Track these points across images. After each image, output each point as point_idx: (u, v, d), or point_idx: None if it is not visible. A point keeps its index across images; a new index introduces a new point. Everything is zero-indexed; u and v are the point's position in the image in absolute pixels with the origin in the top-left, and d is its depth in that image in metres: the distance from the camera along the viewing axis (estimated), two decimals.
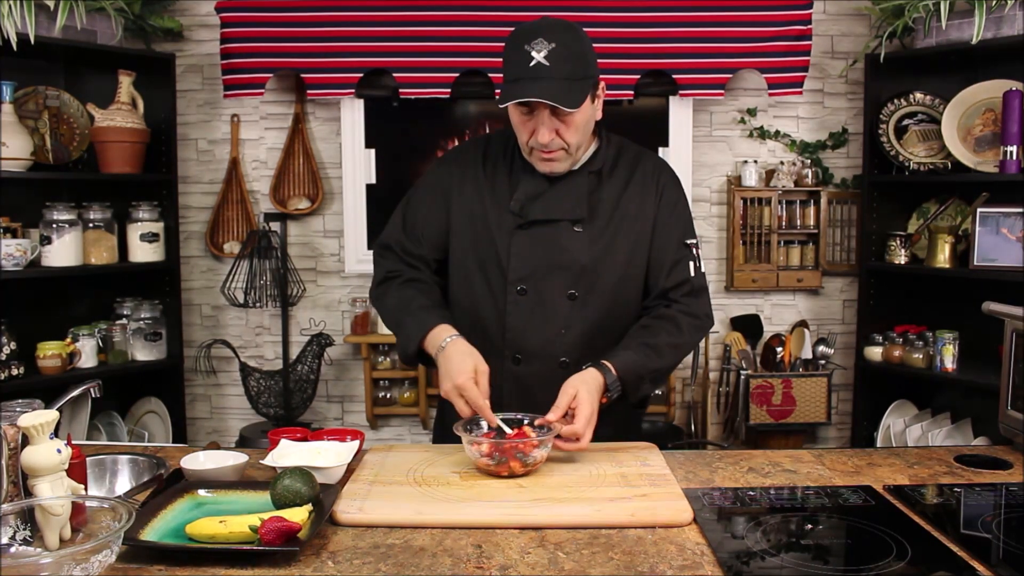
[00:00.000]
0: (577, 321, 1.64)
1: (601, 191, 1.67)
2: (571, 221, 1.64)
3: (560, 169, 1.62)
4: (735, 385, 3.37)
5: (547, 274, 1.63)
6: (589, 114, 1.60)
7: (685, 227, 1.71)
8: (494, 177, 1.70)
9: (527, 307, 1.64)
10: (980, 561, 1.13)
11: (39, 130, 3.02)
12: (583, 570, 1.11)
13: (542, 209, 1.64)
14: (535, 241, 1.64)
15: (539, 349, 1.65)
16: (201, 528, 1.17)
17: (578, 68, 1.53)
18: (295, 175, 3.50)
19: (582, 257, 1.63)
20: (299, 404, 3.33)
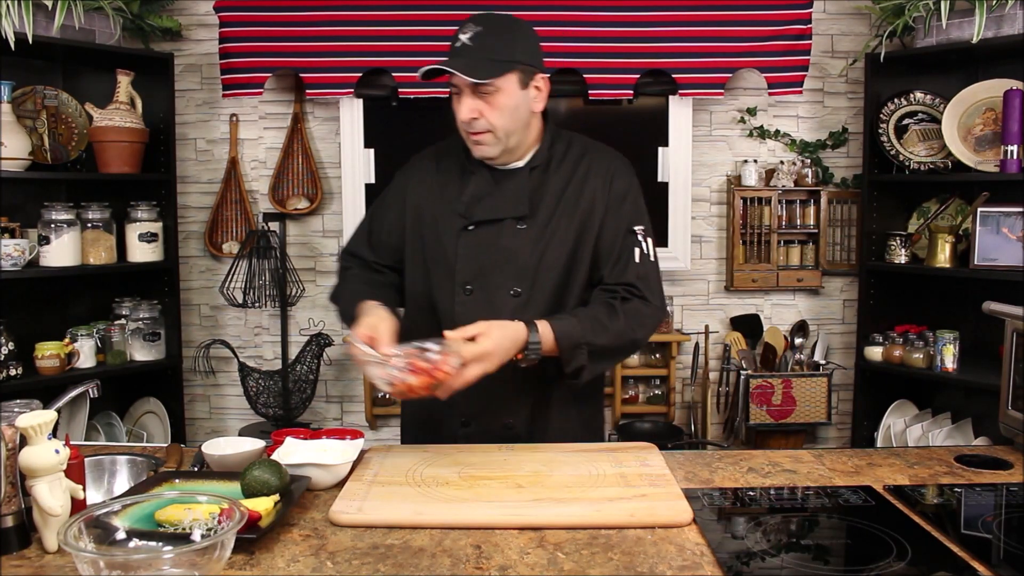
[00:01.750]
0: (522, 318, 1.63)
1: (546, 187, 1.68)
2: (514, 219, 1.65)
3: (490, 154, 1.64)
4: (735, 385, 3.37)
5: (492, 273, 1.65)
6: (518, 100, 1.60)
7: (633, 215, 1.70)
8: (446, 180, 1.73)
9: (474, 306, 1.65)
10: (980, 561, 1.13)
11: (37, 130, 3.01)
12: (582, 570, 1.11)
13: (486, 209, 1.67)
14: (480, 241, 1.66)
15: None
16: (169, 514, 1.19)
17: (501, 50, 1.57)
18: (294, 175, 3.50)
19: (524, 255, 1.64)
20: (298, 404, 3.32)
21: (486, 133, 1.60)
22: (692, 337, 3.53)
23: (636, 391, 3.55)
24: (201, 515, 1.19)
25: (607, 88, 3.28)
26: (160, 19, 3.26)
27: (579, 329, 1.57)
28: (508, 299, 1.65)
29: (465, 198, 1.68)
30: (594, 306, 1.64)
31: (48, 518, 1.15)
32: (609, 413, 3.58)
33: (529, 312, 1.63)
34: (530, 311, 1.64)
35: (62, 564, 1.13)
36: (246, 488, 1.29)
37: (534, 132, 1.69)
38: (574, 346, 1.56)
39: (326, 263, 3.54)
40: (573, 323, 1.57)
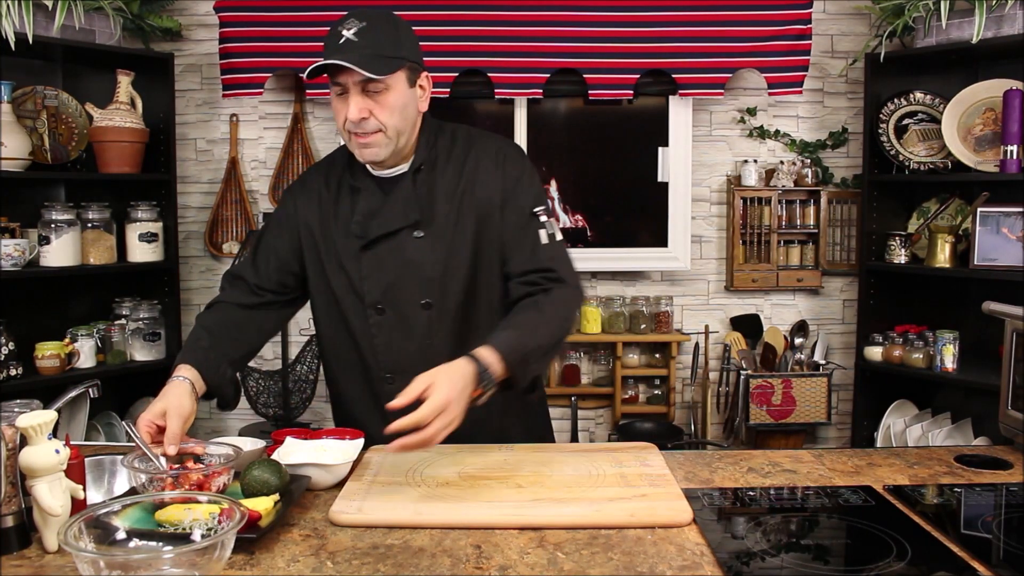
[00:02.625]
0: (439, 329, 1.60)
1: (436, 188, 1.61)
2: (409, 228, 1.59)
3: (380, 156, 1.56)
4: (735, 385, 3.36)
5: (399, 288, 1.60)
6: (407, 98, 1.54)
7: (532, 198, 1.62)
8: (337, 202, 1.66)
9: (388, 325, 1.61)
10: (980, 561, 1.13)
11: (37, 130, 3.01)
12: (582, 570, 1.11)
13: (379, 223, 1.60)
14: (381, 257, 1.60)
15: (409, 365, 1.53)
16: (169, 514, 1.19)
17: (388, 46, 1.51)
18: (294, 175, 3.50)
19: (427, 264, 1.59)
20: (298, 404, 3.32)
21: (376, 134, 1.53)
22: (692, 337, 3.53)
23: (636, 391, 3.55)
24: (201, 515, 1.19)
25: (607, 88, 3.28)
26: (160, 19, 3.26)
27: (520, 340, 1.44)
28: (419, 312, 1.60)
29: (357, 216, 1.61)
30: (521, 309, 1.54)
31: (48, 518, 1.15)
32: (609, 413, 3.58)
33: (443, 321, 1.60)
34: (444, 320, 1.60)
35: (62, 564, 1.13)
36: (246, 488, 1.29)
37: (416, 133, 1.62)
38: (522, 359, 1.43)
39: None
40: (512, 336, 1.45)
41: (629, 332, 3.47)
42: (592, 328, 3.45)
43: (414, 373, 1.41)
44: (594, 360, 3.58)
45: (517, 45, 3.25)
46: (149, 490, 1.26)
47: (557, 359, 3.48)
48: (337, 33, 1.50)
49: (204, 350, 1.58)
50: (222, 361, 1.58)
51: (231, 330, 1.65)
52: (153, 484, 1.26)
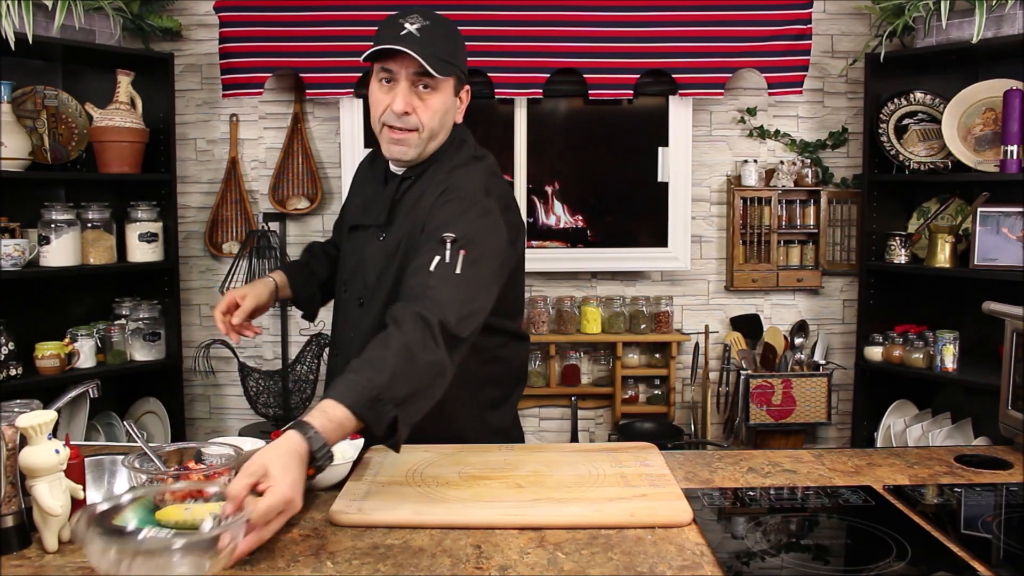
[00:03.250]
0: (362, 327, 1.63)
1: (405, 198, 1.60)
2: (377, 227, 1.63)
3: (408, 156, 1.56)
4: (735, 385, 3.36)
5: (356, 276, 1.68)
6: (449, 105, 1.56)
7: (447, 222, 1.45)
8: (371, 178, 1.74)
9: (344, 307, 1.73)
10: (980, 561, 1.13)
11: (37, 130, 3.01)
12: (582, 570, 1.11)
13: (359, 215, 1.70)
14: (353, 245, 1.70)
15: (346, 347, 1.68)
16: (168, 514, 1.19)
17: (446, 50, 1.52)
18: (294, 175, 3.50)
19: (371, 265, 1.63)
20: (298, 404, 3.32)
21: (412, 132, 1.54)
22: (692, 337, 3.53)
23: (636, 391, 3.55)
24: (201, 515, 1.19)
25: (607, 88, 3.28)
26: (160, 19, 3.26)
27: (363, 380, 1.22)
28: (354, 304, 1.67)
29: (358, 199, 1.74)
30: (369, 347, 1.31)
31: (48, 518, 1.15)
32: (609, 413, 3.58)
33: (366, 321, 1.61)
34: (368, 321, 1.60)
35: (62, 564, 1.13)
36: None
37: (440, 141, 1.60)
38: (372, 401, 1.21)
39: None
40: (352, 380, 1.23)
41: (629, 332, 3.47)
42: (592, 328, 3.45)
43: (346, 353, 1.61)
44: (594, 360, 3.58)
45: (517, 45, 3.25)
46: None
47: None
48: (398, 24, 1.50)
49: (300, 265, 1.86)
50: (311, 279, 1.84)
51: (324, 258, 1.89)
52: (153, 484, 1.26)
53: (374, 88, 1.57)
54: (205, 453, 1.39)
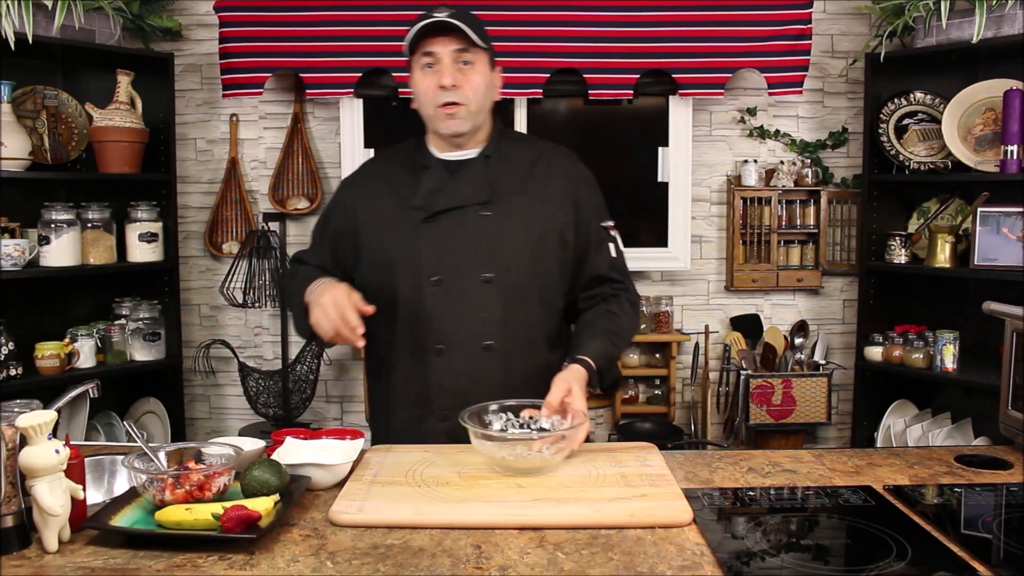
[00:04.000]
0: (494, 304, 1.67)
1: (504, 176, 1.71)
2: (478, 205, 1.67)
3: (462, 128, 1.67)
4: (735, 385, 3.36)
5: (459, 261, 1.67)
6: (489, 80, 1.69)
7: (601, 212, 1.79)
8: (396, 181, 1.76)
9: (443, 297, 1.67)
10: (980, 561, 1.13)
11: (37, 130, 3.01)
12: (582, 570, 1.11)
13: (447, 199, 1.69)
14: (444, 231, 1.68)
15: (461, 337, 1.67)
16: (168, 515, 1.21)
17: (477, 29, 1.65)
18: (294, 175, 3.50)
19: (492, 239, 1.66)
20: (298, 404, 3.32)
21: (461, 106, 1.65)
22: (692, 337, 3.53)
23: (636, 391, 3.55)
24: (202, 515, 1.20)
25: (607, 88, 3.28)
26: (160, 19, 3.26)
27: (607, 348, 1.65)
28: (479, 286, 1.66)
29: (422, 191, 1.70)
30: (601, 317, 1.71)
31: (48, 518, 1.15)
32: (609, 413, 3.58)
33: (502, 298, 1.66)
34: (503, 297, 1.67)
35: (62, 564, 1.13)
36: (246, 488, 1.29)
37: (489, 122, 1.75)
38: (609, 365, 1.64)
39: None
40: (600, 345, 1.64)
41: None
42: None
43: (465, 343, 1.65)
44: None
45: (517, 45, 3.25)
46: (150, 490, 1.26)
47: None
48: (429, 15, 1.64)
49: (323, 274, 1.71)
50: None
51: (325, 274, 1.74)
52: (153, 484, 1.26)
53: (418, 78, 1.68)
54: (205, 453, 1.39)
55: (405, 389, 1.72)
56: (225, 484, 1.30)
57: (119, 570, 1.11)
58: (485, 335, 1.66)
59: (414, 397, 1.70)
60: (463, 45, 1.63)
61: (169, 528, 1.20)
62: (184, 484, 1.26)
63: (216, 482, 1.28)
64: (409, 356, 1.70)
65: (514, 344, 1.68)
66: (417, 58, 1.66)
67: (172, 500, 1.25)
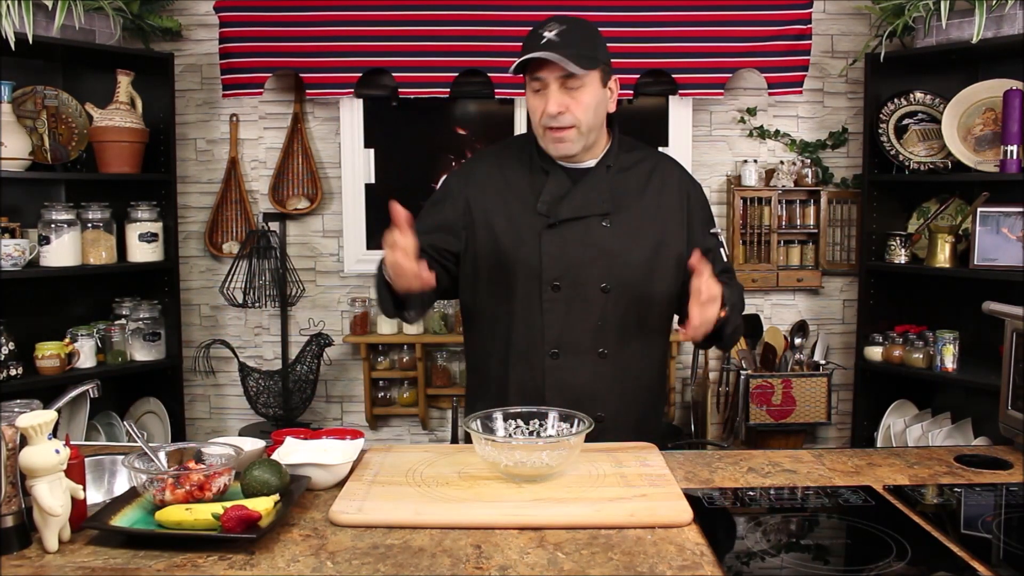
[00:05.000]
0: (611, 312, 1.69)
1: (623, 186, 1.72)
2: (599, 216, 1.68)
3: (571, 151, 1.67)
4: (735, 385, 3.36)
5: (580, 269, 1.68)
6: (600, 97, 1.66)
7: (709, 218, 1.83)
8: (515, 181, 1.74)
9: (562, 303, 1.68)
10: (980, 561, 1.13)
11: (37, 130, 3.01)
12: (582, 570, 1.11)
13: (570, 208, 1.68)
14: (565, 238, 1.68)
15: (577, 342, 1.69)
16: (169, 515, 1.21)
17: (587, 47, 1.62)
18: (294, 175, 3.50)
19: (612, 250, 1.68)
20: (298, 404, 3.32)
21: (570, 129, 1.64)
22: None
23: None
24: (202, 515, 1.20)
25: None
26: (160, 19, 3.26)
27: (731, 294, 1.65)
28: (598, 294, 1.68)
29: (545, 196, 1.69)
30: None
31: (48, 518, 1.15)
32: None
33: (619, 308, 1.69)
34: (619, 306, 1.69)
35: (62, 564, 1.13)
36: (246, 488, 1.29)
37: (605, 134, 1.74)
38: (732, 307, 1.64)
39: (326, 263, 3.54)
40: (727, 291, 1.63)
41: None
42: None
43: (580, 349, 1.68)
44: None
45: (517, 45, 3.23)
46: (150, 490, 1.27)
47: None
48: (538, 35, 1.62)
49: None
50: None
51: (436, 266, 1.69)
52: (153, 484, 1.26)
53: (529, 96, 1.68)
54: (205, 453, 1.39)
55: (516, 391, 1.71)
56: (225, 484, 1.30)
57: (119, 570, 1.11)
58: (600, 343, 1.69)
59: (527, 399, 1.68)
60: (567, 72, 1.59)
61: (169, 528, 1.20)
62: (184, 484, 1.26)
63: (216, 482, 1.28)
64: (522, 358, 1.71)
65: (628, 353, 1.71)
66: (527, 79, 1.66)
67: (172, 500, 1.25)
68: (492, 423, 1.50)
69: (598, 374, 1.69)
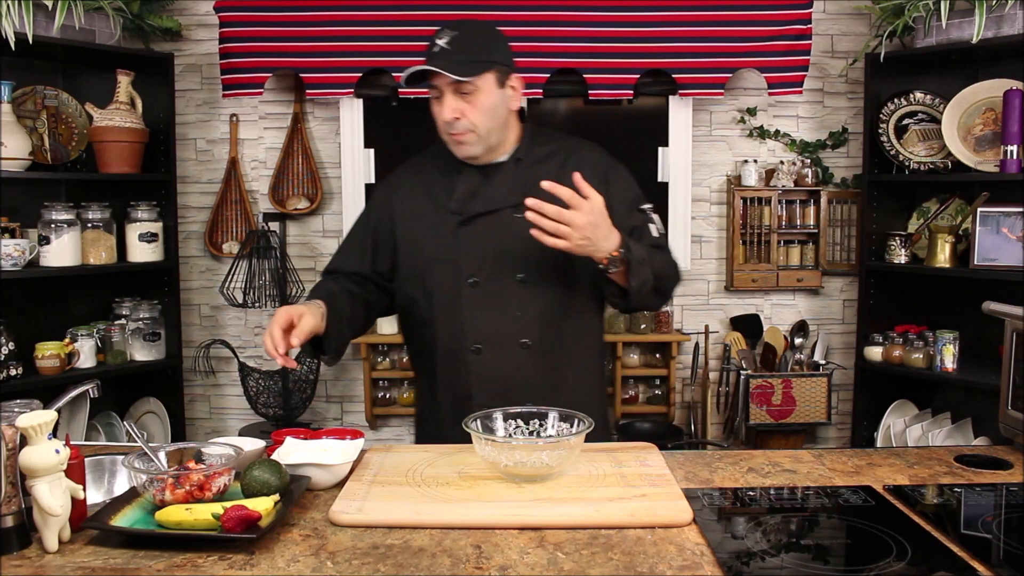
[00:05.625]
0: (531, 303, 1.70)
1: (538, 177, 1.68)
2: (511, 208, 1.68)
3: (473, 152, 1.70)
4: (735, 385, 3.36)
5: (496, 262, 1.70)
6: (497, 99, 1.67)
7: (637, 197, 1.79)
8: (431, 185, 1.78)
9: (481, 297, 1.70)
10: (980, 561, 1.13)
11: (37, 130, 3.01)
12: (582, 570, 1.11)
13: (481, 202, 1.72)
14: (479, 233, 1.70)
15: (499, 336, 1.70)
16: (169, 515, 1.21)
17: (478, 52, 1.65)
18: (294, 175, 3.50)
19: (527, 240, 1.65)
20: (298, 404, 3.33)
21: (468, 133, 1.67)
22: (692, 337, 3.53)
23: (636, 391, 3.55)
24: (203, 515, 1.20)
25: (607, 88, 3.28)
26: (160, 19, 3.26)
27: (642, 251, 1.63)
28: (515, 285, 1.69)
29: (457, 195, 1.73)
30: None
31: (48, 518, 1.15)
32: (609, 413, 3.58)
33: (538, 297, 1.69)
34: (537, 296, 1.70)
35: (62, 564, 1.13)
36: (246, 488, 1.29)
37: (514, 130, 1.76)
38: (640, 261, 1.61)
39: (326, 263, 3.52)
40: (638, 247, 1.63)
41: (629, 332, 3.47)
42: None
43: (503, 342, 1.68)
44: None
45: (518, 45, 3.20)
46: (150, 490, 1.27)
47: None
48: (433, 43, 1.66)
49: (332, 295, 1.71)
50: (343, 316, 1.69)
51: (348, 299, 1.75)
52: (153, 484, 1.26)
53: (432, 102, 1.70)
54: (205, 453, 1.39)
55: (446, 388, 1.74)
56: (225, 484, 1.30)
57: (119, 570, 1.11)
58: (522, 334, 1.70)
59: (456, 396, 1.72)
60: (458, 78, 1.63)
61: (169, 528, 1.20)
62: (184, 484, 1.26)
63: (216, 482, 1.28)
64: (448, 356, 1.73)
65: (552, 342, 1.71)
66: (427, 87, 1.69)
67: (172, 500, 1.25)
68: (492, 423, 1.50)
69: (523, 365, 1.69)
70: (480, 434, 1.42)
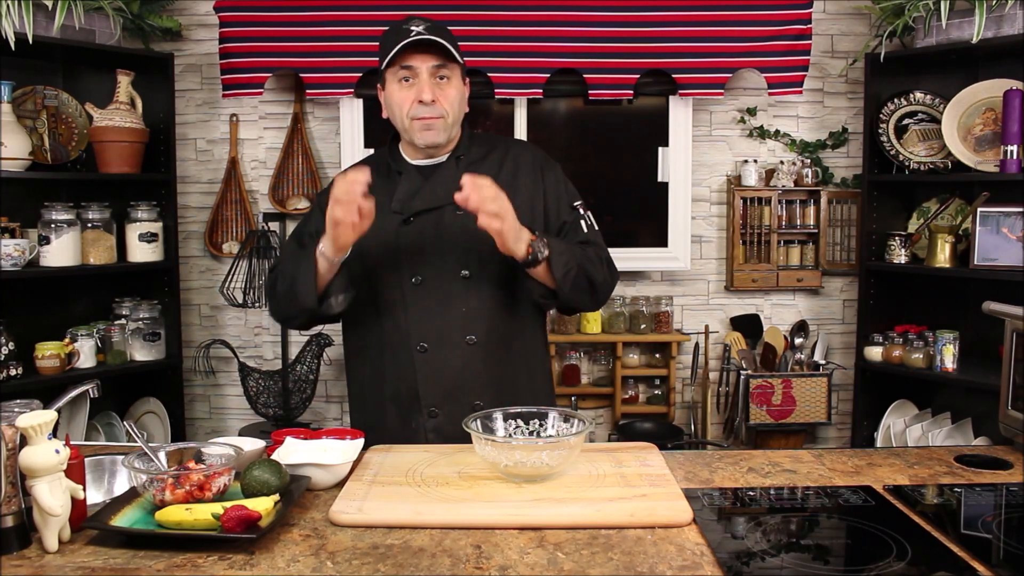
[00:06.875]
0: (475, 299, 1.72)
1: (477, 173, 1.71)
2: (452, 205, 1.68)
3: (438, 139, 1.72)
4: (735, 385, 3.36)
5: (439, 260, 1.72)
6: (462, 92, 1.74)
7: (570, 194, 1.83)
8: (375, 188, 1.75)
9: (424, 295, 1.71)
10: (980, 561, 1.13)
11: (37, 130, 3.01)
12: (582, 570, 1.11)
13: (422, 200, 1.74)
14: (422, 232, 1.72)
15: (444, 333, 1.71)
16: (168, 515, 1.21)
17: (452, 43, 1.69)
18: (294, 175, 3.50)
19: (469, 237, 1.69)
20: (298, 404, 3.32)
21: (439, 119, 1.70)
22: (692, 337, 3.53)
23: (636, 391, 3.55)
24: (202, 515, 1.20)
25: (607, 88, 3.28)
26: (160, 19, 3.26)
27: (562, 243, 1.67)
28: (458, 282, 1.71)
29: (399, 195, 1.75)
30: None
31: (48, 518, 1.15)
32: (609, 413, 3.59)
33: (482, 293, 1.71)
34: (482, 292, 1.71)
35: (62, 564, 1.13)
36: (246, 488, 1.29)
37: (458, 129, 1.80)
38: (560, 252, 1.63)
39: None
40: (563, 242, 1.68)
41: (629, 332, 3.47)
42: (592, 328, 3.45)
43: (448, 340, 1.69)
44: (594, 360, 3.58)
45: (517, 45, 3.25)
46: (150, 490, 1.27)
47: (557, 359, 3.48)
48: (406, 30, 1.67)
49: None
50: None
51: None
52: (153, 484, 1.26)
53: (393, 91, 1.72)
54: (205, 453, 1.39)
55: (393, 388, 1.75)
56: (225, 484, 1.30)
57: (119, 570, 1.11)
58: (467, 331, 1.71)
59: (402, 396, 1.73)
60: (441, 61, 1.67)
61: (169, 528, 1.20)
62: (184, 484, 1.26)
63: (216, 482, 1.28)
64: (394, 355, 1.74)
65: (498, 339, 1.73)
66: (394, 71, 1.70)
67: (172, 500, 1.25)
68: (492, 423, 1.50)
69: (469, 363, 1.70)
70: (480, 434, 1.42)
